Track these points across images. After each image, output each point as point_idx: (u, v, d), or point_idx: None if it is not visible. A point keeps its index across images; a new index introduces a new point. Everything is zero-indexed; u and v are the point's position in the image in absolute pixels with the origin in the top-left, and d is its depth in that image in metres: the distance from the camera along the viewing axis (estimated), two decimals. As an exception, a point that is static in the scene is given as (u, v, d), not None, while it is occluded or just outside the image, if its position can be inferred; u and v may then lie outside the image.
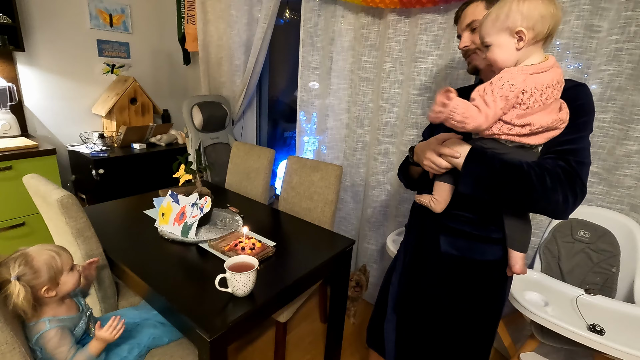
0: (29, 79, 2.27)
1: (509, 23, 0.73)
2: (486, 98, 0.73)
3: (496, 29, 0.75)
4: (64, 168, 2.49)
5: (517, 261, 0.86)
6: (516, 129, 0.75)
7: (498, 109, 0.73)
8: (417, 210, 1.02)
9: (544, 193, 0.74)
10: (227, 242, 1.32)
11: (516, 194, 0.76)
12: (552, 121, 0.74)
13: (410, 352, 1.03)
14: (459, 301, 0.94)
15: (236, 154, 2.16)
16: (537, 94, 0.72)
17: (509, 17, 0.72)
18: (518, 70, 0.73)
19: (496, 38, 0.76)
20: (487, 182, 0.77)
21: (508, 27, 0.73)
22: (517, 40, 0.73)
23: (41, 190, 1.20)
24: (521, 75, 0.72)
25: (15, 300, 0.83)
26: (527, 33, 0.71)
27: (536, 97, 0.72)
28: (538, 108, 0.73)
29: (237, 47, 2.46)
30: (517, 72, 0.73)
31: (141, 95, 2.59)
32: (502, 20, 0.73)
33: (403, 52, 1.70)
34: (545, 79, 0.73)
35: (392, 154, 1.86)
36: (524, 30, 0.71)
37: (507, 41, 0.74)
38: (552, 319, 1.11)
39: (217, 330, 0.91)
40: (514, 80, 0.72)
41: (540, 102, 0.72)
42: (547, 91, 0.72)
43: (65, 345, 0.92)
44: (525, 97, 0.71)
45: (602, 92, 1.31)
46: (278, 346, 1.52)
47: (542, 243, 1.50)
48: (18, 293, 0.83)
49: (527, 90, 0.71)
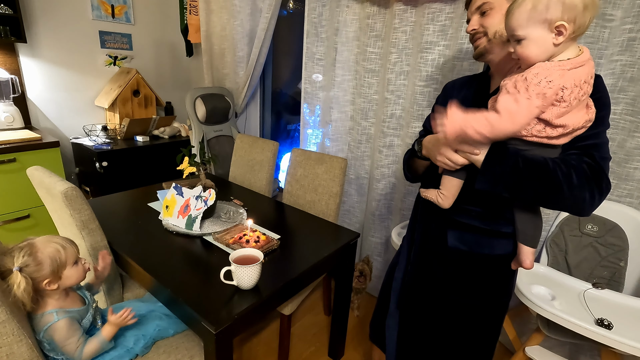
0: (31, 70, 2.26)
1: (548, 15, 0.64)
2: (519, 96, 0.67)
3: (532, 21, 0.66)
4: (68, 160, 2.49)
5: (528, 256, 0.84)
6: (547, 131, 0.70)
7: (533, 107, 0.67)
8: (421, 204, 1.00)
9: (570, 191, 0.71)
10: (232, 235, 1.31)
11: (540, 192, 0.72)
12: (583, 122, 0.70)
13: (413, 348, 1.03)
14: (466, 296, 0.93)
15: (240, 147, 2.15)
16: (576, 90, 0.66)
17: (548, 8, 0.64)
18: (555, 66, 0.66)
19: (531, 31, 0.67)
20: (509, 180, 0.73)
21: (547, 19, 0.65)
22: (556, 35, 0.65)
23: (45, 182, 1.19)
24: (558, 71, 0.66)
25: (15, 291, 0.82)
26: (568, 27, 0.63)
27: (575, 94, 0.66)
28: (576, 105, 0.68)
29: (241, 38, 2.43)
30: (554, 68, 0.66)
31: (144, 87, 2.57)
32: (541, 11, 0.64)
33: (409, 42, 1.67)
34: (583, 74, 0.67)
35: (397, 147, 1.84)
36: (565, 24, 0.63)
37: (544, 36, 0.66)
38: (560, 313, 1.10)
39: (222, 323, 0.91)
40: (552, 77, 0.65)
41: (578, 98, 0.67)
42: (584, 87, 0.67)
43: (74, 336, 0.93)
44: (566, 94, 0.66)
45: (614, 83, 1.28)
46: (282, 338, 1.52)
47: (549, 237, 1.48)
48: (19, 284, 0.82)
49: (568, 86, 0.66)
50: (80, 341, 0.94)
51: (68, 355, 0.94)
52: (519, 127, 0.70)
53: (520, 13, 0.67)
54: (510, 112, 0.69)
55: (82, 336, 0.95)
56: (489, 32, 0.85)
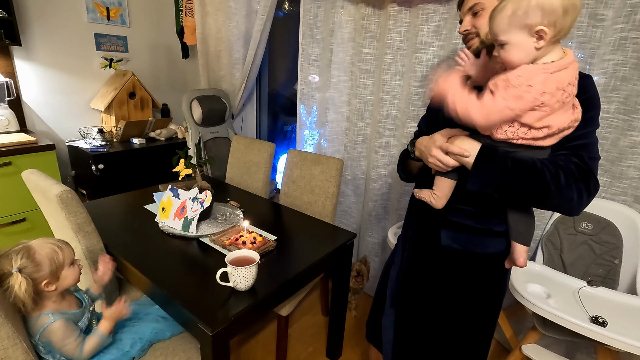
0: (26, 73, 2.26)
1: (527, 20, 0.65)
2: (496, 95, 0.68)
3: (512, 26, 0.67)
4: (64, 163, 2.48)
5: (521, 254, 0.85)
6: (532, 132, 0.71)
7: (507, 109, 0.68)
8: (415, 204, 1.01)
9: (558, 191, 0.72)
10: (228, 237, 1.31)
11: (530, 193, 0.74)
12: (569, 122, 0.71)
13: (409, 347, 1.03)
14: (460, 294, 0.93)
15: (236, 148, 2.15)
16: (558, 94, 0.67)
17: (528, 13, 0.64)
18: (538, 70, 0.67)
19: (512, 37, 0.68)
20: (499, 181, 0.74)
21: (526, 24, 0.65)
22: (537, 39, 0.66)
23: (41, 186, 1.19)
24: (541, 74, 0.66)
25: (17, 292, 0.82)
26: (548, 31, 0.64)
27: (558, 97, 0.67)
28: (559, 107, 0.68)
29: (236, 39, 2.43)
30: (537, 72, 0.67)
31: (140, 89, 2.57)
32: (521, 16, 0.65)
33: (404, 43, 1.68)
34: (566, 77, 0.67)
35: (393, 147, 1.85)
36: (545, 28, 0.64)
37: (525, 40, 0.67)
38: (555, 310, 1.10)
39: (219, 325, 0.91)
40: (533, 81, 0.66)
41: (561, 101, 0.68)
42: (568, 89, 0.68)
43: (72, 337, 0.93)
44: (546, 99, 0.66)
45: (606, 83, 1.29)
46: (280, 339, 1.52)
47: (544, 235, 1.49)
48: (20, 285, 0.82)
49: (548, 91, 0.66)
50: (79, 340, 0.94)
51: (68, 355, 0.94)
52: (489, 124, 0.72)
53: (501, 18, 0.68)
54: (486, 107, 0.70)
55: (80, 335, 0.95)
56: (481, 33, 0.85)
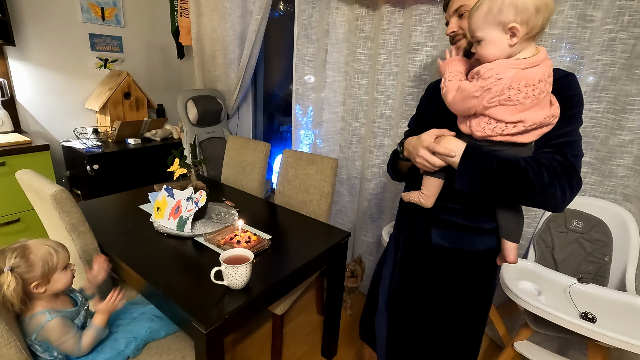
0: (20, 74, 2.25)
1: (501, 18, 0.69)
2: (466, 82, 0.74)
3: (487, 23, 0.71)
4: (59, 164, 2.47)
5: (512, 251, 0.86)
6: (509, 127, 0.73)
7: (471, 95, 0.73)
8: (405, 204, 1.02)
9: (542, 189, 0.74)
10: (223, 236, 1.32)
11: (514, 190, 0.76)
12: (544, 117, 0.73)
13: (402, 345, 1.04)
14: (451, 291, 0.95)
15: (231, 148, 2.16)
16: (528, 89, 0.70)
17: (501, 11, 0.68)
18: (509, 64, 0.70)
19: (487, 33, 0.72)
20: (484, 180, 0.76)
21: (500, 22, 0.69)
22: (510, 36, 0.70)
23: (34, 186, 1.19)
24: (511, 70, 0.70)
25: (5, 291, 0.82)
26: (520, 29, 0.68)
27: (527, 92, 0.70)
28: (531, 103, 0.71)
29: (232, 40, 2.44)
30: (507, 66, 0.70)
31: (135, 89, 2.57)
32: (495, 14, 0.69)
33: (398, 43, 1.69)
34: (537, 73, 0.70)
35: (387, 147, 1.86)
36: (517, 26, 0.68)
37: (499, 37, 0.71)
38: (545, 307, 1.12)
39: (213, 322, 0.92)
40: (502, 75, 0.69)
41: (532, 97, 0.70)
42: (539, 85, 0.70)
43: (69, 333, 0.94)
44: (512, 94, 0.69)
45: (596, 82, 1.31)
46: (275, 338, 1.53)
47: (536, 233, 1.51)
48: (9, 284, 0.83)
49: (515, 86, 0.69)
50: (77, 336, 0.95)
51: (66, 352, 0.94)
52: (455, 107, 0.78)
53: (477, 16, 0.73)
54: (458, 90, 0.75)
55: (78, 332, 0.96)
56: (467, 34, 0.87)
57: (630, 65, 1.22)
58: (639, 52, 1.20)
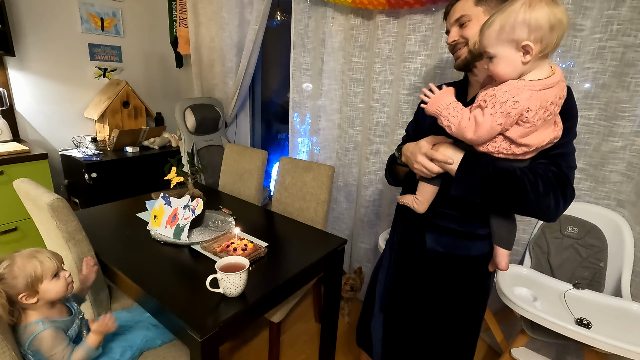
0: (19, 83, 2.27)
1: (514, 35, 0.67)
2: (485, 111, 0.70)
3: (500, 40, 0.69)
4: (57, 172, 2.48)
5: (503, 258, 0.87)
6: (512, 149, 0.73)
7: (496, 124, 0.70)
8: (401, 208, 1.03)
9: (536, 199, 0.75)
10: (219, 244, 1.32)
11: (510, 199, 0.77)
12: (548, 140, 0.73)
13: (397, 349, 1.05)
14: (445, 296, 0.95)
15: (229, 156, 2.17)
16: (540, 112, 0.68)
17: (514, 29, 0.66)
18: (524, 86, 0.68)
19: (500, 50, 0.70)
20: (481, 188, 0.77)
21: (513, 39, 0.67)
22: (523, 54, 0.68)
23: (31, 194, 1.20)
24: (527, 92, 0.68)
25: None
26: (534, 47, 0.66)
27: (540, 115, 0.69)
28: (539, 125, 0.70)
29: (229, 49, 2.46)
30: (523, 88, 0.68)
31: (134, 98, 2.59)
32: (507, 32, 0.67)
33: (392, 52, 1.72)
34: (550, 96, 0.69)
35: (383, 154, 1.87)
36: (531, 44, 0.66)
37: (512, 55, 0.69)
38: (540, 313, 1.12)
39: (208, 330, 0.92)
40: (518, 97, 0.67)
41: (543, 119, 0.69)
42: (550, 108, 0.69)
43: (60, 345, 0.93)
44: (530, 115, 0.68)
45: (587, 90, 1.33)
46: (272, 346, 1.52)
47: (532, 239, 1.52)
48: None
49: (532, 108, 0.68)
50: (67, 350, 0.94)
51: None
52: (479, 140, 0.74)
53: (490, 33, 0.71)
54: (476, 123, 0.72)
55: (69, 345, 0.95)
56: (469, 43, 0.88)
57: (620, 73, 1.25)
58: (628, 60, 1.22)
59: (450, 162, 0.80)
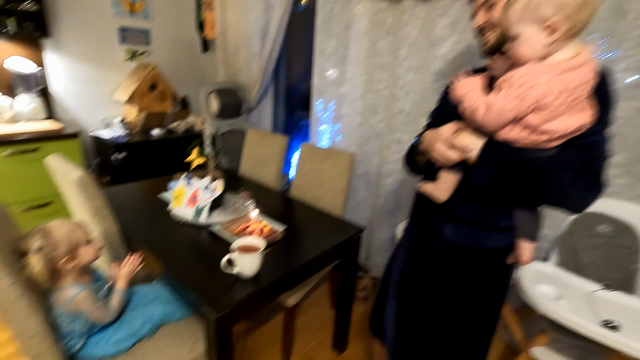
0: (55, 64, 2.36)
1: (539, 13, 0.62)
2: (500, 94, 0.67)
3: (524, 19, 0.65)
4: (88, 151, 2.59)
5: (526, 251, 0.83)
6: (533, 136, 0.69)
7: (507, 109, 0.67)
8: (419, 197, 1.00)
9: (561, 189, 0.71)
10: (237, 226, 1.34)
11: (533, 190, 0.73)
12: (575, 126, 0.68)
13: (410, 339, 1.03)
14: (461, 288, 0.92)
15: (250, 141, 2.19)
16: (563, 96, 0.64)
17: (540, 5, 0.62)
18: (544, 70, 0.64)
19: (523, 30, 0.66)
20: (502, 177, 0.74)
21: (538, 18, 0.63)
22: (548, 34, 0.63)
23: (61, 170, 1.25)
24: (545, 75, 0.64)
25: (32, 271, 0.88)
26: (561, 26, 0.61)
27: (562, 100, 0.64)
28: (562, 111, 0.66)
29: (254, 33, 2.46)
30: (542, 71, 0.64)
31: (161, 81, 2.64)
32: (532, 9, 0.63)
33: (419, 37, 1.65)
34: (575, 79, 0.64)
35: (405, 143, 1.83)
36: (557, 23, 0.61)
37: (536, 35, 0.64)
38: (563, 312, 1.08)
39: (222, 309, 0.94)
40: (535, 81, 0.64)
41: (566, 104, 0.65)
42: (575, 92, 0.64)
43: (97, 303, 1.00)
44: (549, 100, 0.64)
45: (630, 79, 1.23)
46: (286, 330, 1.55)
47: (559, 236, 1.45)
48: (34, 265, 0.88)
49: (552, 92, 0.63)
50: (104, 304, 1.02)
51: (98, 319, 1.01)
52: (487, 125, 0.71)
53: (513, 11, 0.67)
54: (487, 106, 0.69)
55: (103, 300, 1.03)
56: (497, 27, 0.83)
57: (669, 61, 1.15)
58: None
59: (471, 149, 0.77)
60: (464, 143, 0.78)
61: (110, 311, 1.04)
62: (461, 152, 0.79)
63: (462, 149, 0.78)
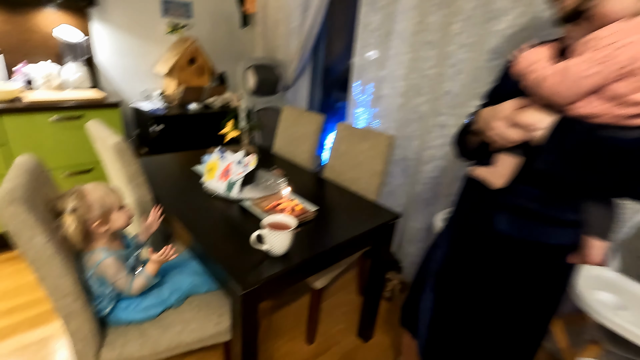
0: (100, 34, 2.41)
1: None
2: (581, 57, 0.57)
3: None
4: (128, 123, 2.65)
5: (597, 250, 0.72)
6: (618, 110, 0.59)
7: (585, 75, 0.57)
8: (470, 181, 0.90)
9: None
10: (268, 202, 1.30)
11: (613, 178, 0.62)
12: None
13: (445, 336, 0.95)
14: (510, 287, 0.82)
15: (286, 118, 2.13)
16: None
17: None
18: (636, 27, 0.55)
19: None
20: (575, 161, 0.63)
21: None
22: None
23: (101, 136, 1.26)
24: (638, 34, 0.54)
25: (66, 230, 0.88)
26: None
27: None
28: None
29: (295, 7, 2.37)
30: (633, 30, 0.54)
31: (200, 56, 2.64)
32: None
33: (476, 10, 1.50)
34: None
35: (450, 127, 1.70)
36: None
37: None
38: (625, 324, 0.95)
39: (249, 285, 0.91)
40: (625, 40, 0.54)
41: None
42: None
43: (122, 272, 0.99)
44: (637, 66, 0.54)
45: None
46: (312, 312, 1.52)
47: (623, 239, 1.29)
48: (69, 224, 0.88)
49: None
50: (129, 278, 1.01)
51: (119, 289, 1.01)
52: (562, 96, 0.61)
53: None
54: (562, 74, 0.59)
55: (129, 274, 1.02)
56: None
57: None
58: None
59: (536, 128, 0.66)
60: (528, 120, 0.67)
61: (132, 288, 1.00)
62: (524, 131, 0.69)
63: (526, 127, 0.68)
